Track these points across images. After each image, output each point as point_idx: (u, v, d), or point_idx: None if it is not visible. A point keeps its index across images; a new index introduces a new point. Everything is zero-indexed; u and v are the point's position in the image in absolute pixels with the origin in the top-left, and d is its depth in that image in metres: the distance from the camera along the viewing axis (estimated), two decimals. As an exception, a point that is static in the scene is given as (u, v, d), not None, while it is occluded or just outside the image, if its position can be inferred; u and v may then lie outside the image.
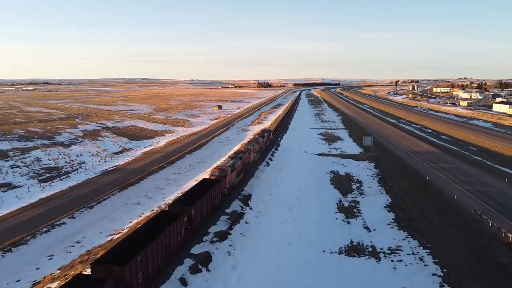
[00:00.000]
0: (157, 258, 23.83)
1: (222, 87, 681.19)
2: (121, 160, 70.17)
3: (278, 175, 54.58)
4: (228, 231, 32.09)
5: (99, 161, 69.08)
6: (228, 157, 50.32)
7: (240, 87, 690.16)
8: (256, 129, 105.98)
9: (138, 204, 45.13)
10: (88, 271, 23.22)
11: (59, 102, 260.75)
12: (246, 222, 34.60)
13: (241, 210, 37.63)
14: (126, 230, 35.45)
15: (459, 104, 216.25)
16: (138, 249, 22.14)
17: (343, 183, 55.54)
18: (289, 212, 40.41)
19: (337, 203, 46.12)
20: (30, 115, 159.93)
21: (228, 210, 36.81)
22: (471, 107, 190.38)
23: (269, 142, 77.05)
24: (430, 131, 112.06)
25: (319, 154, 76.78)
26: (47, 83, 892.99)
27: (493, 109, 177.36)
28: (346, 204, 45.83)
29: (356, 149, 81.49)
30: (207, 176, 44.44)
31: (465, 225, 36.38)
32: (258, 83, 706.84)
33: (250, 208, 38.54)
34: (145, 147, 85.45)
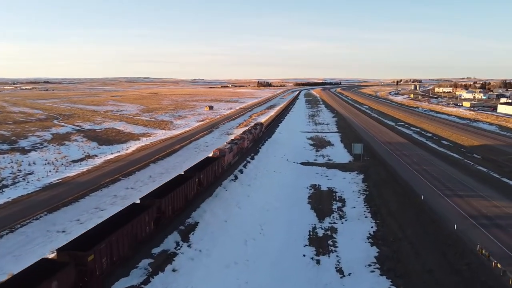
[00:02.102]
0: (179, 201, 35.60)
1: (221, 87, 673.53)
2: (75, 170, 61.61)
3: (244, 193, 45.81)
4: (142, 286, 23.38)
5: (49, 172, 60.53)
6: (227, 142, 64.17)
7: (239, 86, 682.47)
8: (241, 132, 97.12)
9: (63, 232, 36.47)
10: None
11: (49, 101, 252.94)
12: (173, 270, 25.84)
13: (175, 248, 28.91)
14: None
15: (461, 105, 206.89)
16: (168, 192, 33.79)
17: (322, 201, 46.82)
18: (243, 248, 31.66)
19: (309, 231, 37.43)
20: (9, 116, 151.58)
21: (156, 250, 28.10)
22: (475, 108, 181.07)
23: (261, 133, 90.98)
24: (430, 135, 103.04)
25: (302, 163, 68.05)
26: (48, 82, 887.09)
27: (498, 111, 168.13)
28: (320, 233, 37.14)
29: (345, 157, 72.66)
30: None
31: (468, 271, 27.55)
32: (258, 82, 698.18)
33: (189, 245, 29.79)
34: (112, 153, 76.87)
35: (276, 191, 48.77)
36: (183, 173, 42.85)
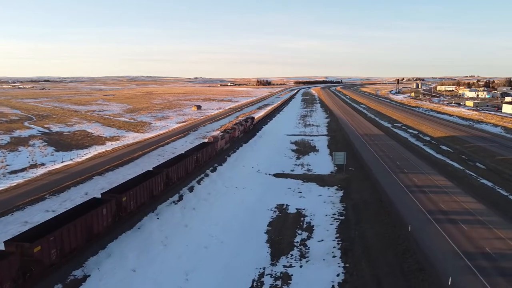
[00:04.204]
0: (182, 172, 46.95)
1: (221, 85, 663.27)
2: (2, 185, 52.10)
3: (182, 221, 36.09)
4: None
5: (-29, 187, 51.01)
6: (220, 131, 77.41)
7: (239, 85, 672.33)
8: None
9: None
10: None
11: (36, 101, 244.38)
12: None
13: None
14: None
15: (464, 104, 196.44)
16: (173, 164, 45.22)
17: (284, 231, 37.14)
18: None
19: (253, 281, 27.80)
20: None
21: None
22: (478, 108, 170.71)
23: (252, 126, 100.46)
24: (428, 139, 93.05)
25: (276, 175, 58.38)
26: (48, 81, 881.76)
27: (503, 110, 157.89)
28: (268, 283, 27.53)
29: (327, 167, 62.83)
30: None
31: None
32: (258, 81, 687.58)
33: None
34: (63, 161, 67.44)
35: (228, 217, 39.03)
36: (184, 152, 55.43)
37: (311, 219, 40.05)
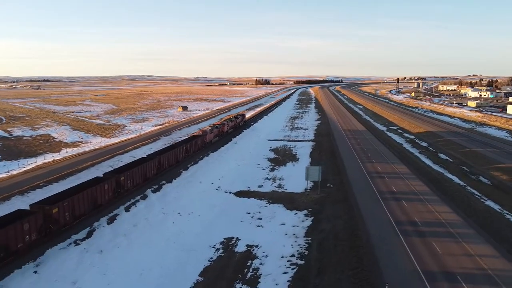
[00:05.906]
0: (172, 160, 54.16)
1: (219, 85, 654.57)
2: None
3: (72, 274, 25.91)
4: None
5: None
6: (209, 126, 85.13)
7: (238, 84, 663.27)
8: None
9: None
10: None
11: (20, 101, 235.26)
12: None
13: None
14: None
15: (466, 105, 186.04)
16: (164, 152, 53.07)
17: (219, 283, 27.28)
18: None
19: None
20: None
21: None
22: (481, 109, 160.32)
23: (242, 123, 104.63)
24: (425, 145, 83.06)
25: (238, 193, 48.62)
26: (47, 80, 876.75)
27: (508, 112, 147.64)
28: None
29: (302, 182, 52.67)
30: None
31: None
32: (256, 80, 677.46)
33: None
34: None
35: (147, 263, 29.10)
36: (174, 143, 63.40)
37: (261, 263, 30.23)
